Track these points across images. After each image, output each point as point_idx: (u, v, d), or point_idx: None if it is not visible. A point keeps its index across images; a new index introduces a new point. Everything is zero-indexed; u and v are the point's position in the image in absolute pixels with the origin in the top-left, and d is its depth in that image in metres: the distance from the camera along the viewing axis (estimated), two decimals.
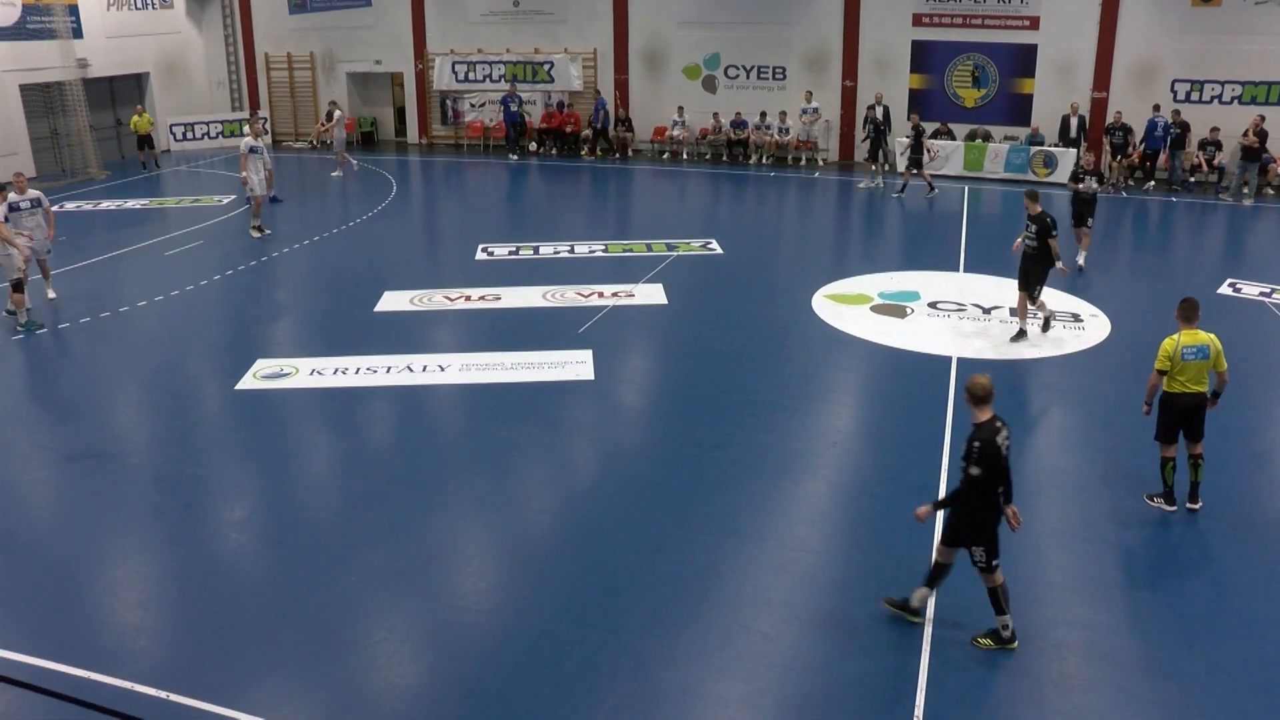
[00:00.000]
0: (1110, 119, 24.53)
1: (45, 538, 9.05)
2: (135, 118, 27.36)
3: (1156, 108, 24.33)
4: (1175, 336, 9.31)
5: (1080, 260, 16.84)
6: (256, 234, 19.50)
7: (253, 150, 19.49)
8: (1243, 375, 12.75)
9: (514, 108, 28.70)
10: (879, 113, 24.89)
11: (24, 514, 9.46)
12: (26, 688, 6.80)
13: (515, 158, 28.55)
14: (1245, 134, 22.77)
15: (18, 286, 14.17)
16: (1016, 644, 7.44)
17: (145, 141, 27.45)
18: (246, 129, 22.43)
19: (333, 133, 26.35)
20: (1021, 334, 13.75)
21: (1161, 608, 7.91)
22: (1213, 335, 9.37)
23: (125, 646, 7.53)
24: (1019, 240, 13.79)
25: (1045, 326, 14.00)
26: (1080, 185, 17.07)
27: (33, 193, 15.41)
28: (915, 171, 23.58)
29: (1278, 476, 10.42)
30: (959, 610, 7.79)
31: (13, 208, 14.86)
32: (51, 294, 15.68)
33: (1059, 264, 13.50)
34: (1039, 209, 13.40)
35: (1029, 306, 13.71)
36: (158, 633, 7.74)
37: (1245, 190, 23.18)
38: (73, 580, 8.37)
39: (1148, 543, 8.84)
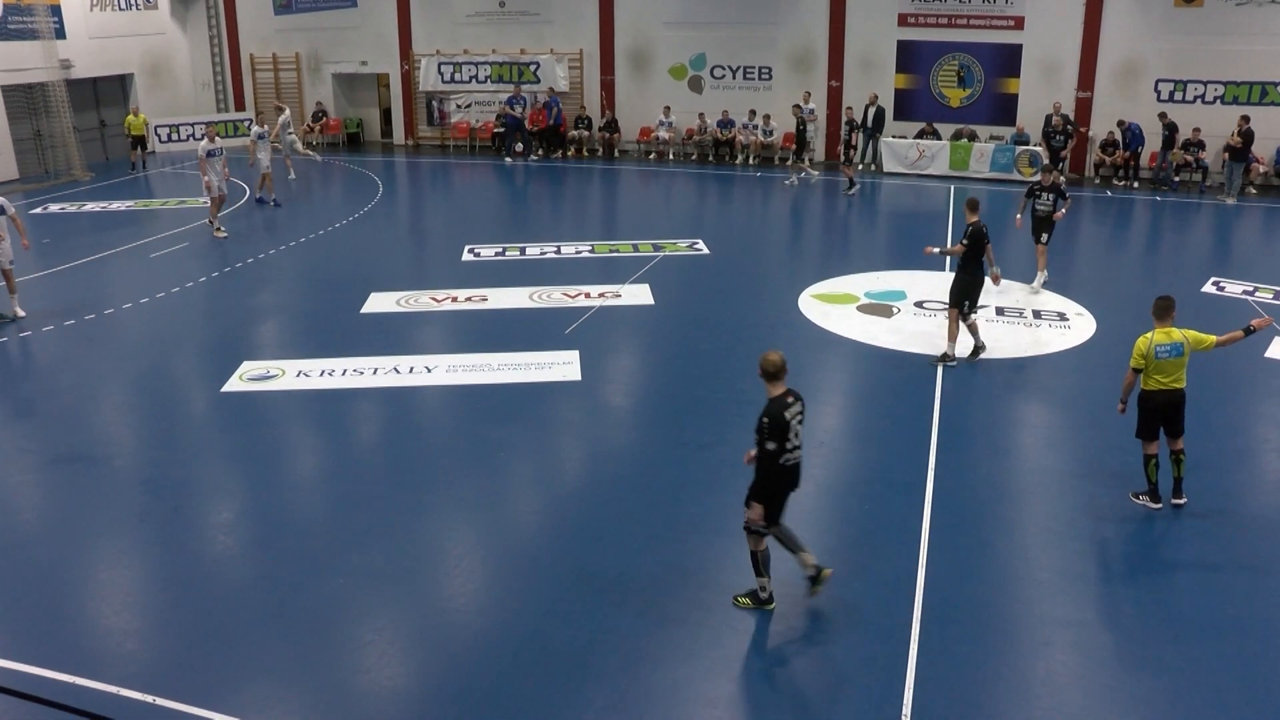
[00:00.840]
0: (1053, 122, 24.48)
1: (30, 541, 8.99)
2: (130, 118, 27.43)
3: (1123, 122, 24.79)
4: (1149, 335, 9.36)
5: (1037, 282, 16.13)
6: (220, 234, 19.72)
7: (210, 154, 19.67)
8: (1226, 373, 12.85)
9: (518, 111, 28.58)
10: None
11: (8, 518, 9.40)
12: (11, 694, 6.76)
13: (509, 160, 28.43)
14: (1233, 135, 22.95)
15: None
16: (775, 605, 7.78)
17: (139, 142, 27.47)
18: (203, 131, 22.73)
19: (281, 136, 25.60)
20: (945, 358, 12.87)
21: (1147, 604, 7.95)
22: (1187, 331, 9.43)
23: (111, 650, 7.49)
24: (959, 246, 13.18)
25: (973, 353, 13.03)
26: (1037, 203, 16.42)
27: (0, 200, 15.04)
28: (847, 164, 24.30)
29: (1261, 473, 10.48)
30: (948, 609, 7.82)
31: None
32: (20, 311, 14.89)
33: (993, 269, 13.04)
34: (975, 218, 12.86)
35: (960, 325, 12.90)
36: (144, 636, 7.71)
37: (1228, 190, 23.35)
38: (58, 584, 8.32)
39: (1133, 540, 8.89)
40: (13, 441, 11.06)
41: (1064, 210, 16.16)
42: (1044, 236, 16.22)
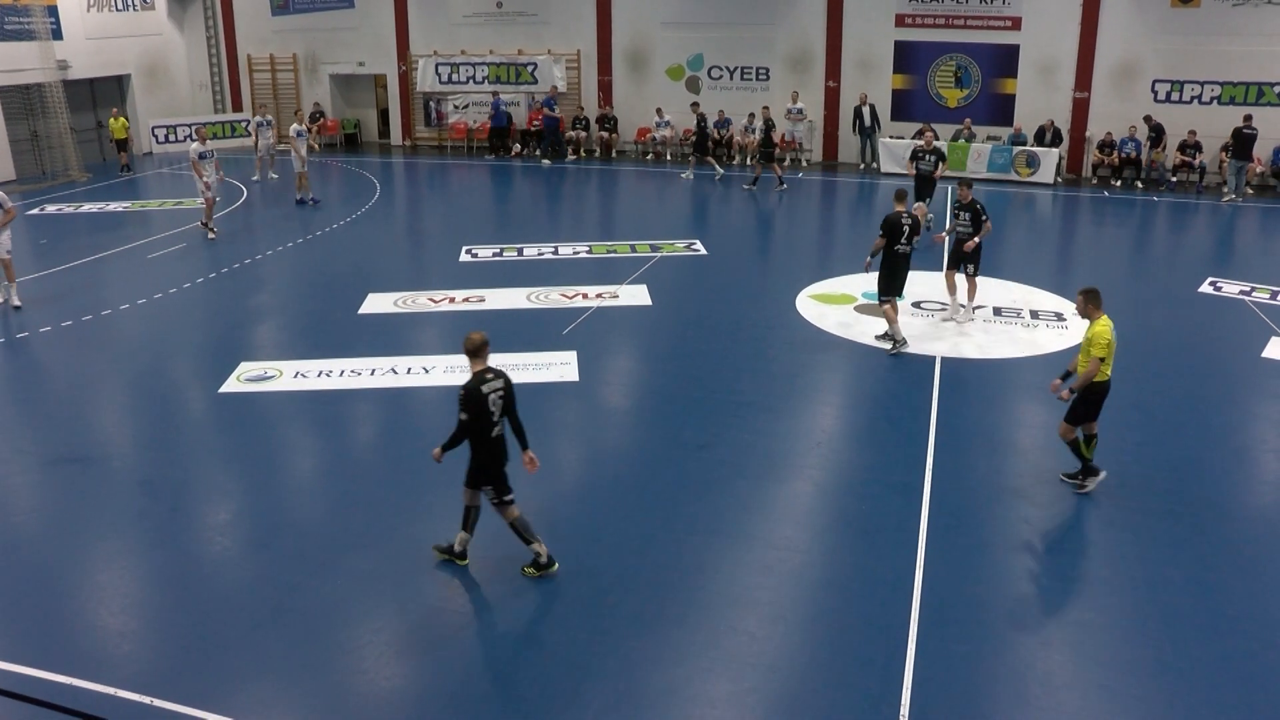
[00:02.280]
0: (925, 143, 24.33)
1: (27, 543, 8.98)
2: (112, 120, 27.23)
3: (1132, 128, 24.95)
4: (1104, 322, 9.46)
5: (962, 315, 14.58)
6: (212, 236, 19.62)
7: (202, 156, 19.63)
8: (1223, 373, 12.87)
9: (557, 112, 28.54)
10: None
11: (6, 519, 9.38)
12: (9, 696, 6.76)
13: (547, 162, 28.24)
14: (1235, 130, 22.98)
15: None
16: (556, 566, 8.23)
17: (122, 145, 27.32)
18: (194, 134, 22.58)
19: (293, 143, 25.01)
20: (887, 338, 13.45)
21: (1145, 604, 7.96)
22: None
23: (108, 652, 7.48)
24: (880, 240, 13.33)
25: (893, 346, 13.39)
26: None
27: None
28: (765, 164, 24.45)
29: (1258, 473, 10.49)
30: (946, 609, 7.82)
31: None
32: (16, 301, 15.31)
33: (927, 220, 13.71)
34: (901, 208, 13.26)
35: (896, 311, 13.38)
36: (141, 638, 7.70)
37: (1225, 188, 23.38)
38: (55, 585, 8.32)
39: (1130, 541, 8.89)
40: (10, 443, 11.04)
41: (977, 239, 14.18)
42: (969, 268, 14.42)
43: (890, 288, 13.29)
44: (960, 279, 14.60)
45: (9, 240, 15.29)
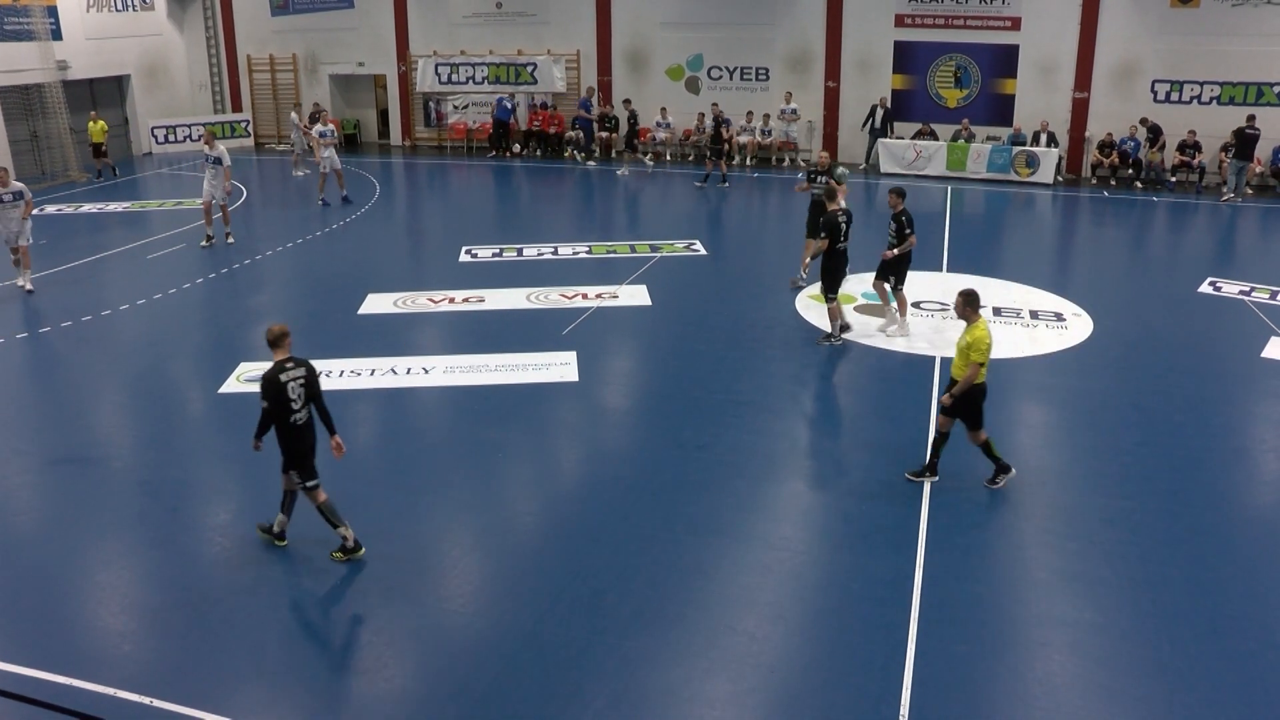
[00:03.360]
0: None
1: (27, 543, 8.99)
2: (91, 124, 26.05)
3: (1132, 128, 24.97)
4: (983, 325, 9.37)
5: (894, 328, 14.12)
6: (206, 244, 18.89)
7: (205, 159, 18.97)
8: (1222, 374, 12.87)
9: (593, 114, 28.48)
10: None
11: (5, 519, 9.38)
12: (8, 696, 6.75)
13: (588, 164, 28.09)
14: (1237, 130, 22.96)
15: None
16: (363, 550, 8.49)
17: (99, 150, 26.09)
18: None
19: (313, 142, 24.39)
20: (831, 338, 13.66)
21: (1145, 604, 7.96)
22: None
23: (108, 652, 7.48)
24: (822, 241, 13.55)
25: (828, 337, 13.74)
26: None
27: (16, 185, 16.25)
28: (716, 159, 25.00)
29: (1257, 473, 10.49)
30: (946, 609, 7.83)
31: None
32: (29, 287, 16.14)
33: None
34: (835, 207, 13.58)
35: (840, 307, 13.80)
36: (141, 638, 7.70)
37: (1224, 188, 23.39)
38: (55, 586, 8.32)
39: (1131, 540, 8.89)
40: (10, 443, 11.04)
41: (896, 251, 13.73)
42: (892, 280, 13.97)
43: (835, 285, 13.53)
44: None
45: (30, 230, 16.21)
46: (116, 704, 6.80)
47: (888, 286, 14.15)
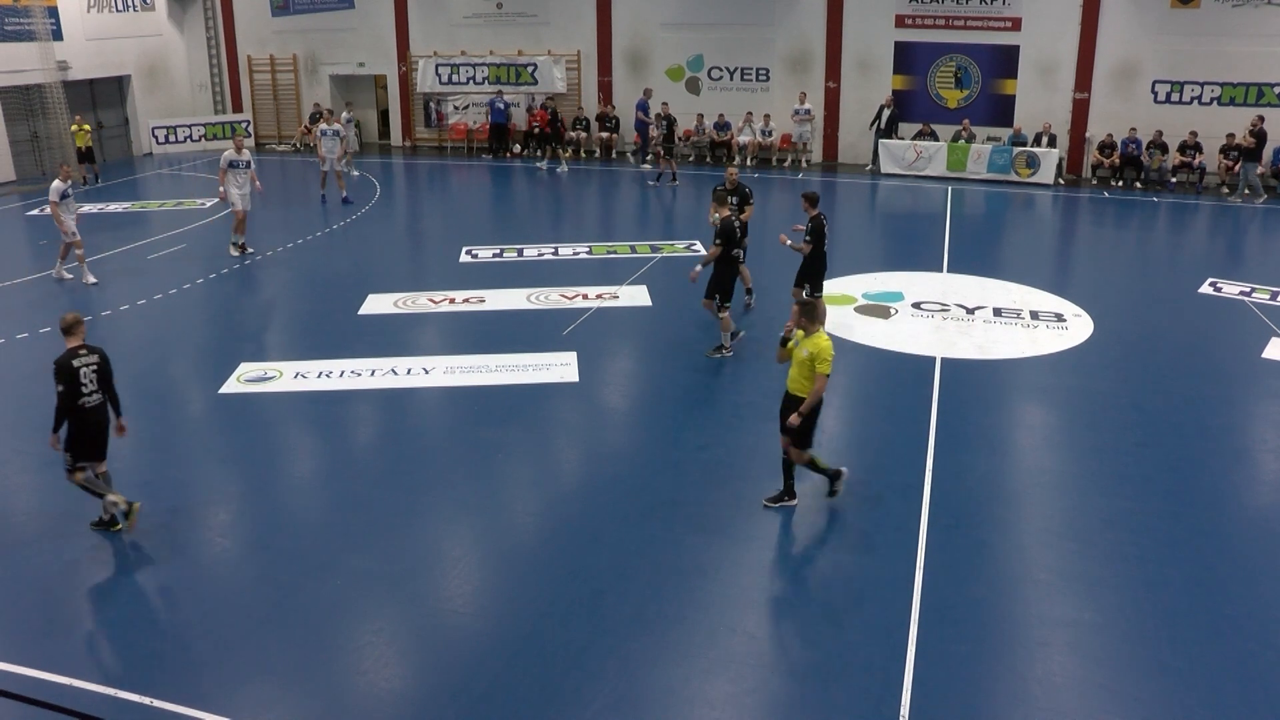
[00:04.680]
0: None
1: (27, 543, 8.98)
2: (74, 128, 25.41)
3: (1132, 129, 24.96)
4: (825, 338, 9.04)
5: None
6: (235, 251, 18.38)
7: (233, 164, 18.25)
8: (1223, 375, 12.87)
9: (651, 117, 27.71)
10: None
11: (5, 519, 9.38)
12: (8, 696, 6.75)
13: (646, 167, 27.59)
14: (1245, 135, 22.97)
15: None
16: (120, 527, 8.94)
17: (85, 155, 25.44)
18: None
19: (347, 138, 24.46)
20: (721, 348, 13.22)
21: (1144, 605, 7.96)
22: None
23: (108, 652, 7.49)
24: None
25: (719, 348, 13.32)
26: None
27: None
28: (667, 158, 25.25)
29: (1257, 474, 10.49)
30: (946, 609, 7.83)
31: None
32: (92, 279, 16.77)
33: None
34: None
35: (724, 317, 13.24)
36: (141, 638, 7.69)
37: (1226, 189, 23.39)
38: (55, 586, 8.32)
39: (1131, 540, 8.88)
40: (10, 443, 11.04)
41: (789, 241, 13.72)
42: (807, 287, 13.69)
43: (728, 293, 13.07)
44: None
45: (73, 224, 16.68)
46: (116, 704, 6.80)
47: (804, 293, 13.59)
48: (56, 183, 16.59)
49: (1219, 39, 24.14)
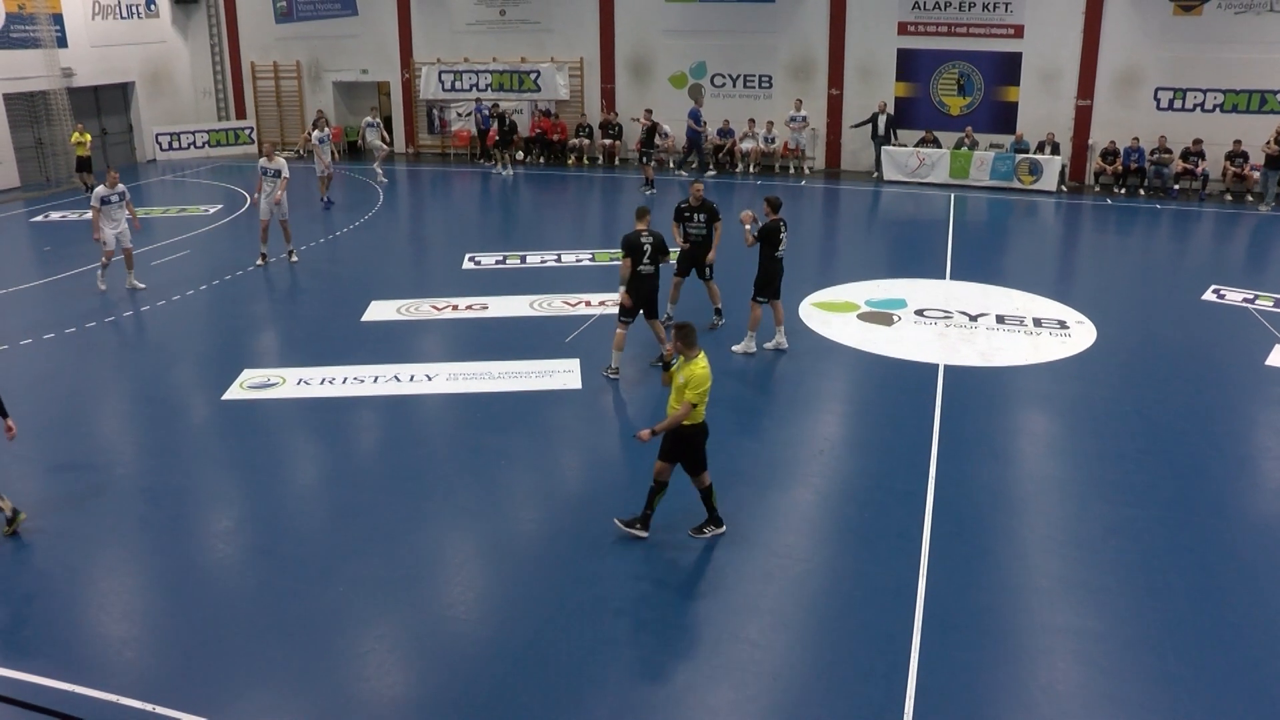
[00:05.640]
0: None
1: (31, 549, 8.98)
2: (75, 135, 25.06)
3: (1135, 139, 24.92)
4: (702, 362, 8.57)
5: (775, 342, 13.76)
6: (260, 262, 18.21)
7: (264, 172, 18.05)
8: (1226, 382, 12.86)
9: (702, 126, 27.50)
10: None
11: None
12: (10, 702, 6.75)
13: (685, 174, 27.18)
14: (1268, 143, 22.90)
15: None
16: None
17: (84, 164, 25.06)
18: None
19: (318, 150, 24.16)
20: (655, 362, 12.64)
21: (1148, 613, 7.94)
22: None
23: (110, 658, 7.48)
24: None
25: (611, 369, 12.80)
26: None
27: (121, 187, 16.56)
28: (647, 163, 25.44)
29: (1261, 481, 10.47)
30: (949, 617, 7.81)
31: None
32: (139, 284, 16.66)
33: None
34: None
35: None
36: (143, 644, 7.70)
37: (1251, 197, 23.28)
38: (57, 592, 8.32)
39: (1134, 548, 8.87)
40: (11, 449, 11.04)
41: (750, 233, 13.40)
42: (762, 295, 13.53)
43: (629, 310, 12.57)
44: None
45: (129, 232, 16.54)
46: (119, 710, 6.80)
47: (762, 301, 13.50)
48: (100, 188, 16.35)
49: (1222, 46, 24.14)
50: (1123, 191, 24.96)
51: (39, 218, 22.70)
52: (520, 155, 29.49)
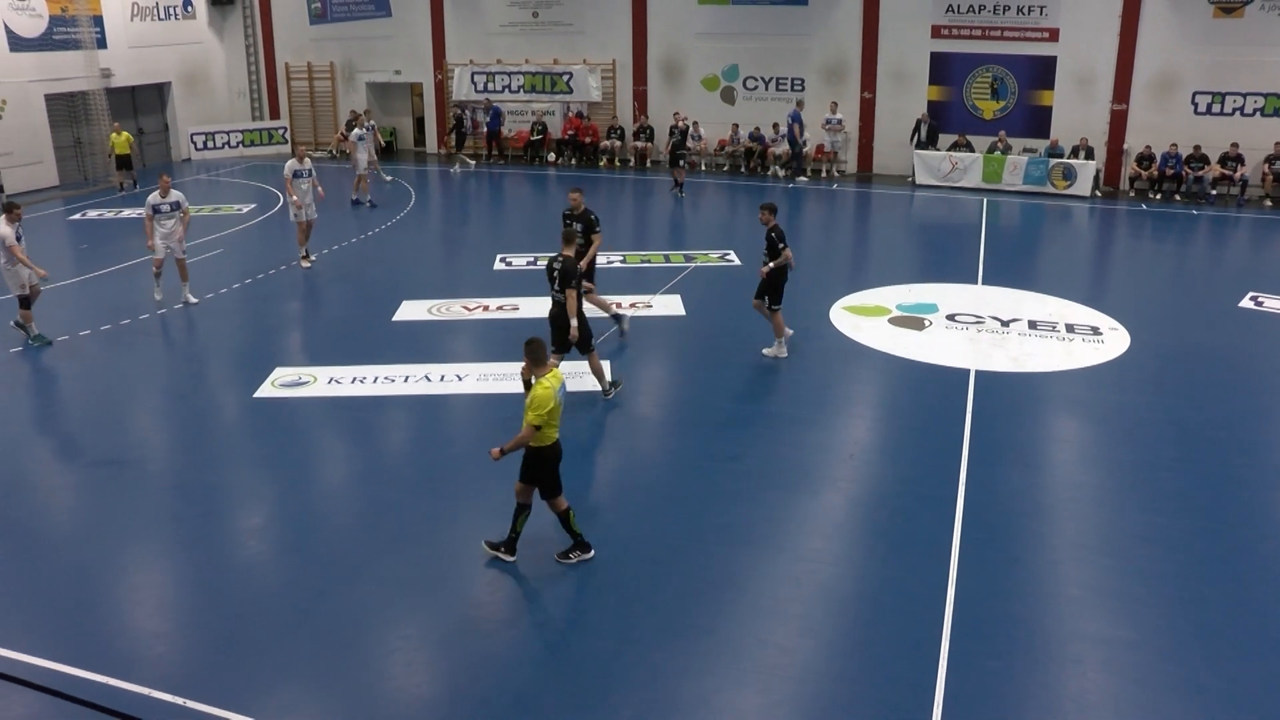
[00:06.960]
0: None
1: (65, 542, 9.10)
2: (113, 135, 25.37)
3: (1173, 145, 24.60)
4: (547, 383, 8.18)
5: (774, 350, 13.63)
6: (306, 264, 18.27)
7: (296, 174, 18.04)
8: (1262, 390, 12.68)
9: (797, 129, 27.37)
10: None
11: (45, 520, 9.52)
12: (45, 692, 6.85)
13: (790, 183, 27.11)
14: None
15: (24, 303, 14.07)
16: None
17: (124, 162, 25.37)
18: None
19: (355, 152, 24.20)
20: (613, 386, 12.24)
21: (1181, 623, 7.85)
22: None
23: (142, 652, 7.56)
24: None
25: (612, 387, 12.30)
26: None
27: (174, 195, 16.28)
28: (674, 167, 25.13)
29: None
30: (978, 624, 7.75)
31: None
32: (192, 299, 16.08)
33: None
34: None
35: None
36: (175, 639, 7.78)
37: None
38: (92, 585, 8.43)
39: (1167, 558, 8.77)
40: (50, 444, 11.21)
41: (771, 264, 13.20)
42: (766, 299, 13.40)
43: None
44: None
45: (161, 243, 15.90)
46: (150, 703, 6.87)
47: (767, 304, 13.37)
48: (154, 195, 16.02)
49: (1263, 48, 23.80)
50: (1158, 197, 24.69)
51: (76, 215, 22.99)
52: (552, 157, 29.61)
